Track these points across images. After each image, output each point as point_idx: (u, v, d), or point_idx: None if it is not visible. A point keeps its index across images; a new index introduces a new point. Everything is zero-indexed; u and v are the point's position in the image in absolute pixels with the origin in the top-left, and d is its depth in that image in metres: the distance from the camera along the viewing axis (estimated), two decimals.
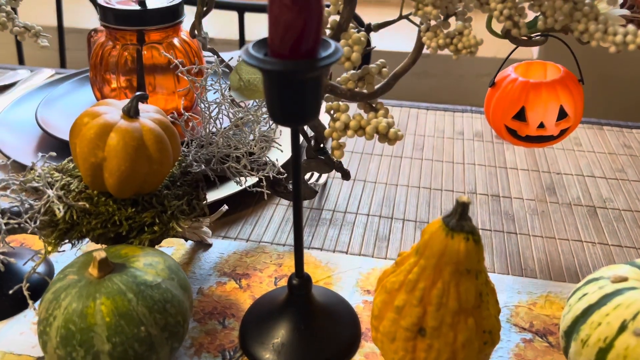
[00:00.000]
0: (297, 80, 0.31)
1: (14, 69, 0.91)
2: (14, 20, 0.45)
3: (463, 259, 0.34)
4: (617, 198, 0.63)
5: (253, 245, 0.53)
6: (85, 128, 0.39)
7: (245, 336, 0.41)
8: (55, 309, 0.35)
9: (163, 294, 0.36)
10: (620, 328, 0.34)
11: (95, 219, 0.41)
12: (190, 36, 0.47)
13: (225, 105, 0.48)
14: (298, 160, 0.36)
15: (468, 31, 0.40)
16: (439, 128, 0.77)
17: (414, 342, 0.35)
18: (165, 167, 0.41)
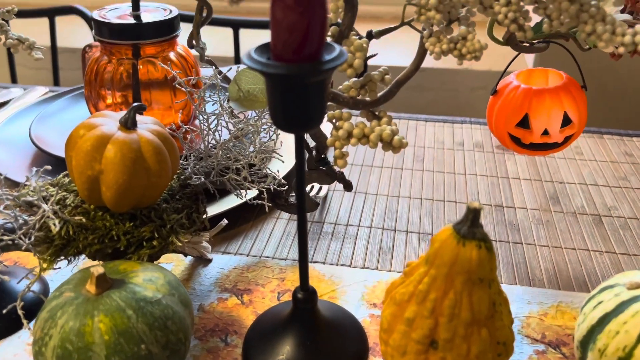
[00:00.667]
0: (300, 84, 0.30)
1: (6, 88, 0.90)
2: (7, 32, 0.44)
3: (475, 268, 0.32)
4: (622, 206, 0.63)
5: (254, 260, 0.51)
6: (82, 140, 0.38)
7: (249, 353, 0.40)
8: (51, 327, 0.34)
9: (164, 310, 0.35)
10: (639, 337, 0.33)
11: (92, 234, 0.39)
12: (188, 46, 0.46)
13: (224, 116, 0.47)
14: (302, 168, 0.35)
15: (472, 36, 0.39)
16: (438, 139, 0.76)
17: (426, 356, 0.34)
18: (164, 179, 0.40)
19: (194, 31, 0.44)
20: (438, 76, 1.40)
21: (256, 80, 0.46)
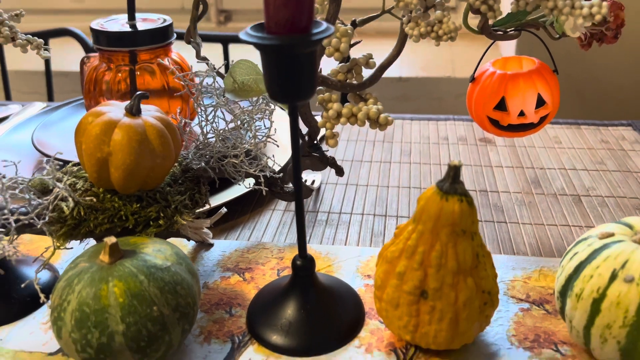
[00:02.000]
0: (292, 54, 0.33)
1: (5, 105, 0.93)
2: (17, 33, 0.47)
3: (458, 220, 0.36)
4: (600, 187, 0.66)
5: (253, 243, 0.54)
6: (90, 126, 0.41)
7: (253, 321, 0.42)
8: (69, 294, 0.36)
9: (173, 276, 0.38)
10: (611, 277, 0.36)
11: (102, 215, 0.42)
12: (185, 42, 0.50)
13: (220, 107, 0.50)
14: (296, 137, 0.38)
15: (447, 19, 0.43)
16: (424, 135, 0.80)
17: (417, 306, 0.37)
18: (167, 161, 0.43)
19: (191, 26, 0.48)
20: (422, 85, 1.44)
21: (249, 71, 0.49)
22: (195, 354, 0.40)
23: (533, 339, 0.41)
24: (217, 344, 0.41)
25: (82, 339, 0.35)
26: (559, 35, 0.51)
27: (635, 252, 0.36)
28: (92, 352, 0.36)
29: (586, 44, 0.53)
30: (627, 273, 0.35)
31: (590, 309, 0.36)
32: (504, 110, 0.55)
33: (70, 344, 0.36)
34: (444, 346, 0.38)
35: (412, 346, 0.41)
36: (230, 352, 0.40)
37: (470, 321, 0.37)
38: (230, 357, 0.40)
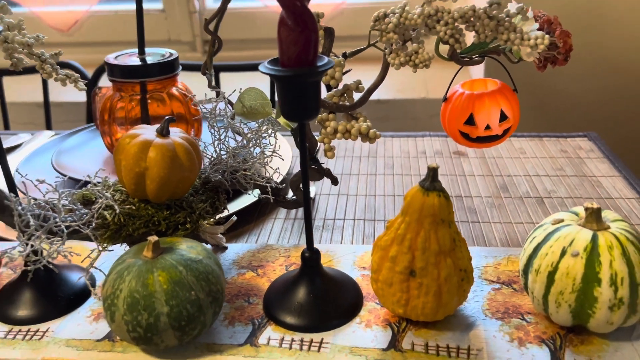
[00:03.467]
0: (301, 83, 0.42)
1: (15, 134, 1.00)
2: (57, 70, 0.55)
3: (438, 211, 0.44)
4: (560, 190, 0.76)
5: (262, 245, 0.62)
6: (129, 146, 0.49)
7: (269, 306, 0.50)
8: (121, 284, 0.43)
9: (205, 267, 0.45)
10: (561, 254, 0.45)
11: (138, 221, 0.50)
12: (202, 73, 0.58)
13: (230, 129, 0.58)
14: (304, 148, 0.46)
15: (422, 50, 0.52)
16: (404, 150, 0.89)
17: (408, 283, 0.45)
18: (193, 174, 0.51)
19: (207, 60, 0.56)
20: (400, 107, 1.54)
21: (256, 97, 0.57)
22: (223, 334, 0.48)
23: (503, 311, 0.50)
24: (240, 326, 0.49)
25: (134, 320, 0.43)
26: (517, 59, 0.61)
27: (580, 232, 0.45)
28: (142, 331, 0.43)
29: (542, 66, 0.63)
30: (573, 249, 0.44)
31: (546, 280, 0.45)
32: (472, 124, 0.64)
33: (122, 325, 0.43)
34: (430, 317, 0.46)
35: (404, 320, 0.49)
36: (252, 332, 0.48)
37: (451, 294, 0.45)
38: (253, 335, 0.48)
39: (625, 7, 1.32)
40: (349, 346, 0.46)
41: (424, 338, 0.47)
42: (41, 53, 0.54)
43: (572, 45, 0.61)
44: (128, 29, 1.78)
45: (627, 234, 0.45)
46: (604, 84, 1.40)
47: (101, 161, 0.81)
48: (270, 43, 1.72)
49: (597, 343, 0.46)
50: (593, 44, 1.36)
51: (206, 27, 0.54)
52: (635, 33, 1.34)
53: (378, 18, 0.52)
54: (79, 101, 1.51)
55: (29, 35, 0.53)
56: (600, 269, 0.43)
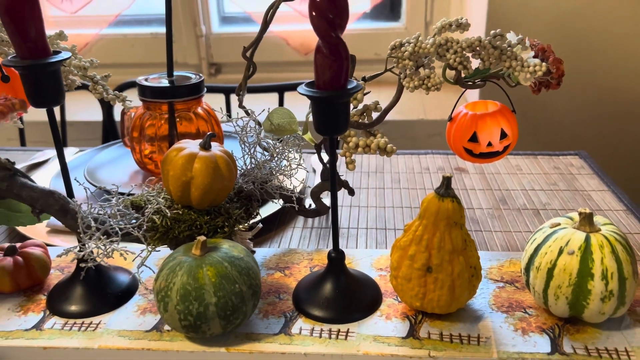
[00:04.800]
0: (334, 103, 0.48)
1: (41, 150, 1.06)
2: (107, 90, 0.61)
3: (452, 215, 0.51)
4: (554, 202, 0.82)
5: (286, 250, 0.68)
6: (176, 158, 0.55)
7: (298, 300, 0.56)
8: (174, 278, 0.49)
9: (246, 264, 0.51)
10: (559, 252, 0.51)
11: (183, 224, 0.56)
12: (235, 94, 0.65)
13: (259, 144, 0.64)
14: (334, 158, 0.52)
15: (433, 75, 0.59)
16: (409, 166, 0.96)
17: (425, 279, 0.51)
18: (231, 182, 0.57)
19: (242, 83, 0.62)
20: (400, 127, 1.62)
21: (284, 115, 0.64)
22: (259, 325, 0.54)
23: (508, 306, 0.56)
24: (274, 318, 0.55)
25: (185, 310, 0.49)
26: (515, 84, 0.68)
27: (575, 234, 0.51)
28: (192, 319, 0.49)
29: (537, 89, 0.70)
30: (569, 248, 0.51)
31: (546, 276, 0.51)
32: (475, 141, 0.71)
33: (175, 314, 0.49)
34: (444, 309, 0.52)
35: (420, 313, 0.55)
36: (285, 323, 0.54)
37: (463, 288, 0.52)
38: (286, 326, 0.54)
39: (613, 36, 1.41)
40: (373, 335, 0.52)
41: (439, 328, 0.53)
42: (93, 75, 0.60)
43: (564, 71, 0.68)
44: (136, 52, 1.85)
45: (616, 235, 0.51)
46: (593, 106, 1.48)
47: (129, 175, 0.87)
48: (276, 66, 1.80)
49: (591, 332, 0.52)
50: (584, 70, 1.44)
51: (244, 54, 0.60)
52: (622, 60, 1.43)
53: (395, 47, 0.59)
54: (93, 120, 1.57)
55: (84, 59, 0.60)
56: (593, 265, 0.50)
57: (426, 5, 1.74)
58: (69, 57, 0.51)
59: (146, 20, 1.87)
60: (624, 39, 1.41)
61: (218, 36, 1.83)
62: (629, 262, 0.50)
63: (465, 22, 0.58)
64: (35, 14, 0.49)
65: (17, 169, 0.52)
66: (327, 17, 0.46)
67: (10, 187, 0.51)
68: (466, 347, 0.51)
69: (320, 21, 0.46)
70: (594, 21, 1.39)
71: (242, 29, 1.85)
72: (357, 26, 1.79)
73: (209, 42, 1.83)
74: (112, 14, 1.85)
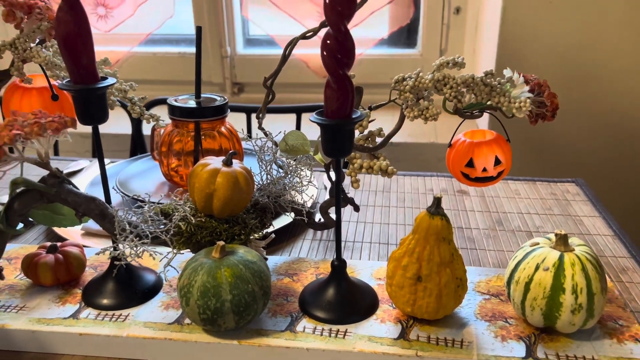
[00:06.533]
0: (340, 130, 0.56)
1: (75, 160, 1.15)
2: (144, 110, 0.69)
3: (440, 231, 0.57)
4: (547, 225, 0.89)
5: (295, 258, 0.75)
6: (202, 172, 0.63)
7: (304, 303, 0.63)
8: (195, 276, 0.57)
9: (259, 267, 0.59)
10: (535, 268, 0.57)
11: (205, 231, 0.63)
12: (256, 117, 0.72)
13: (275, 162, 0.72)
14: (339, 177, 0.60)
15: (432, 107, 0.66)
16: (414, 187, 1.03)
17: (415, 287, 0.58)
18: (249, 195, 0.64)
19: (262, 108, 0.70)
20: (410, 150, 1.69)
21: (298, 138, 0.71)
22: (268, 323, 0.61)
23: (491, 315, 0.62)
24: (281, 317, 0.62)
25: (204, 305, 0.56)
26: (510, 115, 0.75)
27: (550, 252, 0.58)
28: (210, 313, 0.56)
29: (533, 120, 0.77)
30: (545, 265, 0.57)
31: (524, 289, 0.58)
32: (472, 167, 0.77)
33: (195, 308, 0.57)
34: (432, 315, 0.59)
35: (411, 318, 0.61)
36: (291, 322, 0.61)
37: (449, 297, 0.58)
38: (292, 324, 0.61)
39: (616, 69, 1.47)
40: (368, 335, 0.59)
41: (427, 332, 0.59)
42: (132, 97, 0.69)
43: (558, 104, 0.75)
44: (164, 69, 1.96)
45: (587, 255, 0.58)
46: (597, 135, 1.54)
47: (155, 186, 0.95)
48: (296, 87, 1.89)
49: (564, 341, 0.58)
50: (589, 100, 1.50)
51: (264, 83, 0.68)
52: (620, 89, 1.49)
53: (398, 80, 0.66)
54: (122, 133, 1.66)
55: (124, 83, 0.68)
56: (565, 280, 0.56)
57: (441, 34, 1.82)
58: (114, 82, 0.59)
59: (175, 40, 1.98)
60: (625, 72, 1.47)
61: (242, 57, 1.93)
62: (598, 279, 0.56)
63: (461, 61, 0.65)
64: (88, 45, 0.57)
65: (64, 176, 0.60)
66: (336, 57, 0.53)
67: (59, 193, 0.59)
68: (450, 350, 0.57)
69: (330, 60, 0.54)
70: (599, 54, 1.46)
71: (265, 51, 1.94)
72: (375, 52, 1.88)
73: (233, 63, 1.93)
74: (143, 33, 1.96)
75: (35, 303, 0.65)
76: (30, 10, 0.67)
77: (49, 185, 0.59)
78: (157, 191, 0.93)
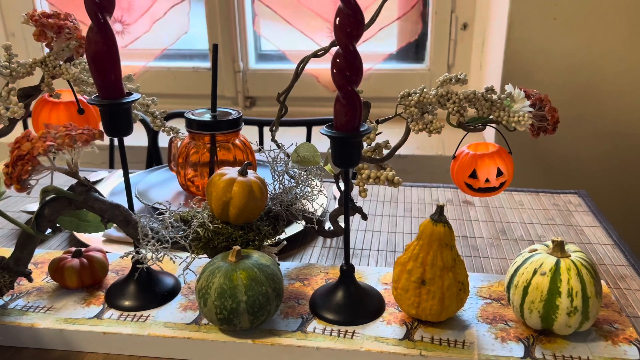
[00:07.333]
0: (349, 142, 0.60)
1: (94, 171, 1.19)
2: (164, 124, 0.74)
3: (443, 237, 0.61)
4: (548, 235, 0.92)
5: (306, 264, 0.79)
6: (219, 182, 0.67)
7: (314, 305, 0.67)
8: (213, 278, 0.61)
9: (272, 270, 0.62)
10: (533, 273, 0.61)
11: (221, 237, 0.67)
12: (269, 130, 0.76)
13: (287, 172, 0.76)
14: (348, 187, 0.64)
15: (435, 121, 0.70)
16: (420, 197, 1.06)
17: (419, 290, 0.62)
18: (263, 203, 0.68)
19: (276, 122, 0.74)
20: (418, 162, 1.73)
21: (309, 150, 0.75)
22: (280, 324, 0.65)
23: (492, 318, 0.65)
24: (292, 318, 0.65)
25: (221, 305, 0.60)
26: (512, 129, 0.78)
27: (547, 258, 0.61)
28: (226, 313, 0.60)
29: (535, 133, 0.80)
30: (542, 270, 0.60)
31: (522, 292, 0.61)
32: (475, 178, 0.81)
33: (212, 308, 0.60)
34: (435, 317, 0.62)
35: (416, 320, 0.65)
36: (302, 323, 0.65)
37: (451, 300, 0.62)
38: (302, 325, 0.64)
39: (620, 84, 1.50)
40: (374, 336, 0.62)
41: (431, 333, 0.63)
42: (154, 111, 0.73)
43: (558, 118, 0.79)
44: (178, 84, 2.01)
45: (582, 260, 0.61)
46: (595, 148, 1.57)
47: (172, 195, 0.99)
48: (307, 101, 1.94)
49: (560, 342, 0.61)
50: (586, 114, 1.53)
51: (278, 98, 0.72)
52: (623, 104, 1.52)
53: (403, 96, 0.70)
54: (137, 145, 1.71)
55: (147, 98, 0.72)
56: (561, 284, 0.59)
57: (449, 49, 1.86)
58: (139, 98, 0.63)
59: (189, 55, 2.03)
60: (628, 87, 1.50)
61: (254, 72, 1.98)
62: (592, 283, 0.60)
63: (463, 78, 0.69)
64: (115, 63, 0.62)
65: (91, 185, 0.64)
66: (345, 75, 0.57)
67: (86, 200, 0.64)
68: (452, 350, 0.60)
69: (339, 77, 0.58)
70: (602, 70, 1.49)
71: (276, 66, 2.00)
72: (384, 66, 1.92)
73: (245, 77, 1.98)
74: (159, 49, 2.02)
75: (61, 304, 0.69)
76: (60, 30, 0.72)
77: (78, 192, 0.63)
78: (174, 200, 0.97)
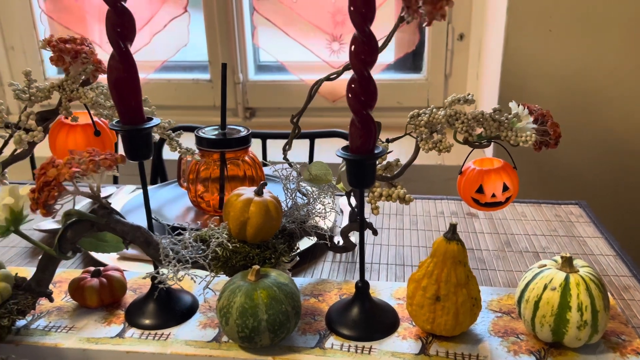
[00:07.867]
0: (363, 164, 0.62)
1: (102, 187, 1.21)
2: (180, 145, 0.76)
3: (457, 255, 0.63)
4: (552, 246, 0.94)
5: (319, 280, 0.80)
6: (236, 202, 0.69)
7: (330, 321, 0.69)
8: (234, 297, 0.62)
9: (291, 288, 0.64)
10: (543, 288, 0.63)
11: (239, 255, 0.69)
12: (282, 151, 0.78)
13: (299, 190, 0.78)
14: (362, 206, 0.66)
15: (445, 140, 0.72)
16: (425, 210, 1.08)
17: (434, 306, 0.64)
18: (278, 222, 0.70)
19: (290, 141, 0.76)
20: (418, 171, 1.75)
21: (321, 168, 0.77)
22: (299, 340, 0.66)
23: (504, 332, 0.68)
24: (310, 334, 0.67)
25: (243, 324, 0.61)
26: (516, 144, 0.81)
27: (557, 274, 0.63)
28: (248, 331, 0.62)
29: (538, 147, 0.83)
30: (552, 285, 0.63)
31: (533, 307, 0.63)
32: (482, 193, 0.83)
33: (234, 327, 0.62)
34: (450, 332, 0.64)
35: (430, 335, 0.67)
36: (320, 339, 0.66)
37: (465, 315, 0.64)
38: (320, 341, 0.66)
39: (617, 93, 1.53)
40: (391, 351, 0.64)
41: (445, 348, 0.65)
42: (170, 132, 0.75)
43: (560, 133, 0.81)
44: (178, 95, 2.03)
45: (591, 275, 0.63)
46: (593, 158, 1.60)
47: (182, 211, 1.01)
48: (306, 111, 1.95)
49: (571, 355, 0.64)
50: (584, 125, 1.56)
51: (292, 120, 0.74)
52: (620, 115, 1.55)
53: (413, 116, 0.72)
54: None
55: (164, 121, 0.74)
56: (571, 299, 0.61)
57: (446, 59, 1.89)
58: (158, 123, 0.65)
59: (189, 67, 2.05)
60: (625, 98, 1.53)
61: (253, 83, 2.00)
62: (601, 297, 0.62)
63: (471, 99, 0.72)
64: (136, 89, 0.64)
65: (113, 207, 0.66)
66: (360, 99, 0.60)
67: (108, 222, 0.65)
68: None
69: (355, 101, 0.60)
70: (598, 81, 1.52)
71: (275, 77, 2.02)
72: (382, 76, 1.95)
73: (245, 89, 2.00)
74: (159, 61, 2.03)
75: (83, 323, 0.70)
76: (77, 55, 0.73)
77: (100, 215, 0.65)
78: (184, 217, 0.99)
